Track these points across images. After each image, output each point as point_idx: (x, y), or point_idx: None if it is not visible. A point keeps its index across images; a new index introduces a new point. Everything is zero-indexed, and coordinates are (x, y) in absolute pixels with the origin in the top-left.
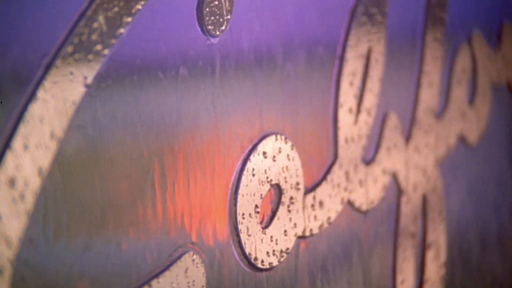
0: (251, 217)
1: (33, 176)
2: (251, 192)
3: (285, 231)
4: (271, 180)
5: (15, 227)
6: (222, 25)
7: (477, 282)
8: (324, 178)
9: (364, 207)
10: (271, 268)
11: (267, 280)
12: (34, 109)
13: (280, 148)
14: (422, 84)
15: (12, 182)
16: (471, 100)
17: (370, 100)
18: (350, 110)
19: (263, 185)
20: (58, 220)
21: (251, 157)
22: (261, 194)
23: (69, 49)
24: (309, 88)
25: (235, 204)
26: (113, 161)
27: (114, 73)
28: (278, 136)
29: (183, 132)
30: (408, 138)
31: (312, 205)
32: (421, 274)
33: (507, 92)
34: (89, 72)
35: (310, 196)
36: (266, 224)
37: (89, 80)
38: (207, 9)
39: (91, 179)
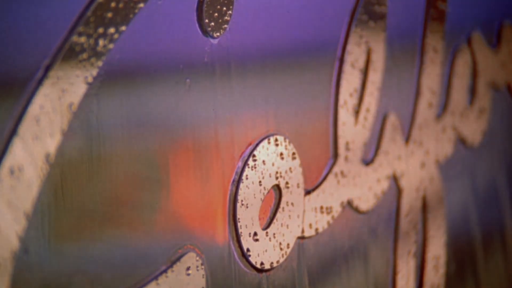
0: (251, 218)
1: (33, 176)
2: (252, 193)
3: (285, 231)
4: (271, 181)
5: (15, 227)
6: (222, 26)
7: (478, 283)
8: (324, 179)
9: (364, 208)
10: (271, 268)
11: (267, 281)
12: (34, 109)
13: (280, 149)
14: (422, 84)
15: (12, 182)
16: (471, 101)
17: (370, 100)
18: (350, 111)
19: (263, 186)
20: (58, 221)
21: (252, 158)
22: (261, 195)
23: (69, 49)
24: (309, 88)
25: (235, 205)
26: (113, 161)
27: (114, 73)
28: (278, 137)
29: (183, 133)
30: (408, 138)
31: (312, 206)
32: (421, 274)
33: (507, 92)
34: (89, 72)
35: (310, 197)
36: (266, 225)
37: (89, 80)
38: (207, 10)
39: (91, 179)
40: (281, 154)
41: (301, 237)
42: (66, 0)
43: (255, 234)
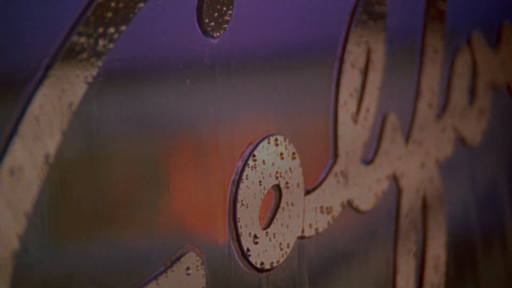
0: (251, 218)
1: (33, 176)
2: (251, 193)
3: (285, 231)
4: (271, 181)
5: (15, 227)
6: (221, 26)
7: (478, 283)
8: (324, 178)
9: (364, 207)
10: (271, 268)
11: (267, 281)
12: (34, 109)
13: (280, 149)
14: (421, 84)
15: (12, 182)
16: (471, 100)
17: (370, 100)
18: (350, 111)
19: (263, 186)
20: (58, 221)
21: (252, 158)
22: (261, 195)
23: (69, 49)
24: (309, 88)
25: (235, 205)
26: (113, 161)
27: (114, 73)
28: (278, 137)
29: (183, 133)
30: (408, 138)
31: (312, 206)
32: (421, 274)
33: (507, 92)
34: (89, 72)
35: (310, 197)
36: (266, 224)
37: (89, 80)
38: (207, 10)
39: (91, 179)
40: (281, 154)
41: (301, 237)
42: (66, 0)
43: (255, 236)
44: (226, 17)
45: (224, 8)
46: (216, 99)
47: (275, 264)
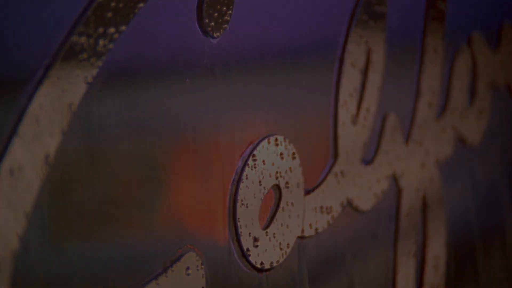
0: (251, 218)
1: (33, 176)
2: (251, 193)
3: (285, 231)
4: (271, 181)
5: (15, 227)
6: (222, 26)
7: (478, 283)
8: (324, 178)
9: (364, 207)
10: (271, 268)
11: (267, 281)
12: (34, 109)
13: (280, 149)
14: (422, 84)
15: (12, 182)
16: (471, 101)
17: (370, 100)
18: (350, 111)
19: (263, 186)
20: (58, 221)
21: (252, 158)
22: (261, 195)
23: (69, 49)
24: (309, 88)
25: (235, 205)
26: (113, 161)
27: (114, 73)
28: (278, 137)
29: (183, 133)
30: (408, 138)
31: (312, 206)
32: (421, 274)
33: (507, 92)
34: (89, 72)
35: (310, 197)
36: (266, 224)
37: (89, 80)
38: (207, 10)
39: (91, 179)
40: (281, 154)
41: (301, 237)
42: (66, 0)
43: (255, 239)
44: (226, 17)
45: (224, 8)
46: (216, 99)
47: (275, 264)
